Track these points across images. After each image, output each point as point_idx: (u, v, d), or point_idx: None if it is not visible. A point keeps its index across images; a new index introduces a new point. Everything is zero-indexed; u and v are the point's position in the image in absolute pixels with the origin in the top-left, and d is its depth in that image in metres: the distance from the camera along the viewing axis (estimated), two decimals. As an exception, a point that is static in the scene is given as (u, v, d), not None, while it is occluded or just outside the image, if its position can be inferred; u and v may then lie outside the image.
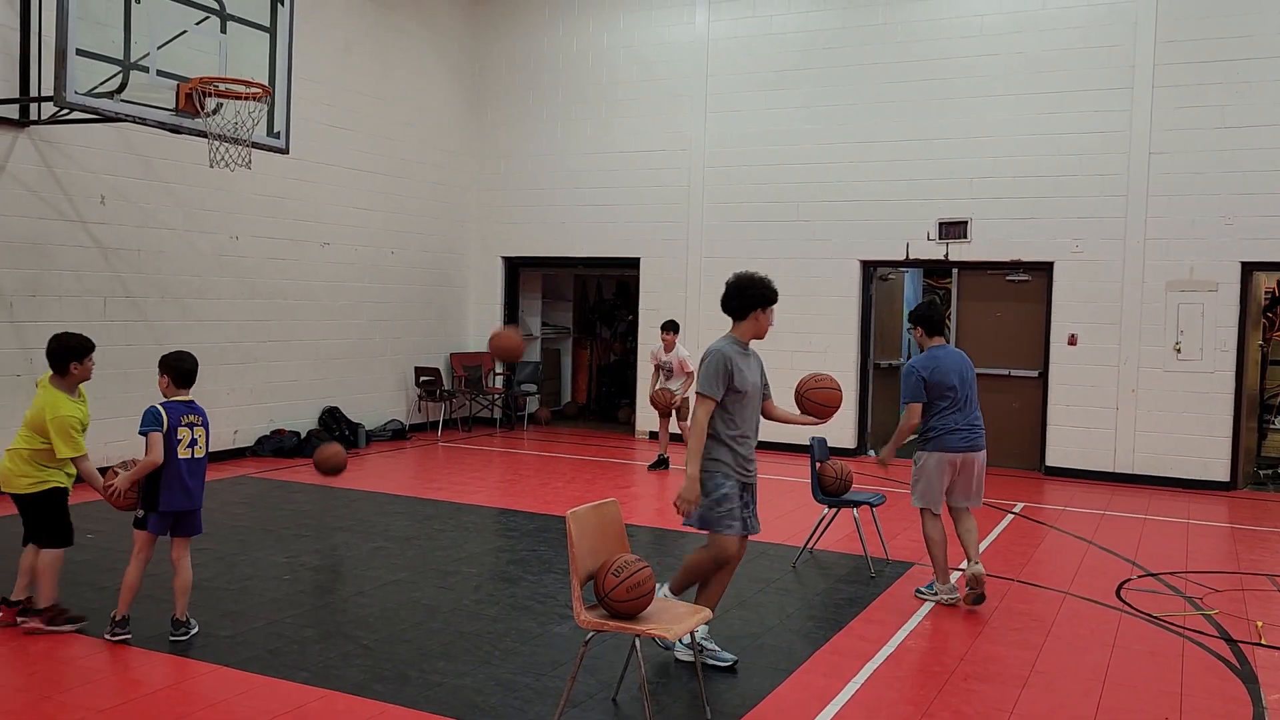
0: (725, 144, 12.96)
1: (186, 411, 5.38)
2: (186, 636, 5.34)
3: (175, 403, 5.39)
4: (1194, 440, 10.79)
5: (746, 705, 4.67)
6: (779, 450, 12.53)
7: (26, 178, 8.87)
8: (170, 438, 5.29)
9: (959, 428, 6.22)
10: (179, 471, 5.30)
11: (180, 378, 5.44)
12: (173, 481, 5.30)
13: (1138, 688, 5.03)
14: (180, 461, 5.31)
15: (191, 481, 5.35)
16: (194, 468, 5.37)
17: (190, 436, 5.35)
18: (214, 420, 7.59)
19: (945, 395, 6.23)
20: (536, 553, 7.38)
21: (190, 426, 5.36)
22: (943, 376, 6.24)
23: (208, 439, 5.48)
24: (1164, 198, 10.84)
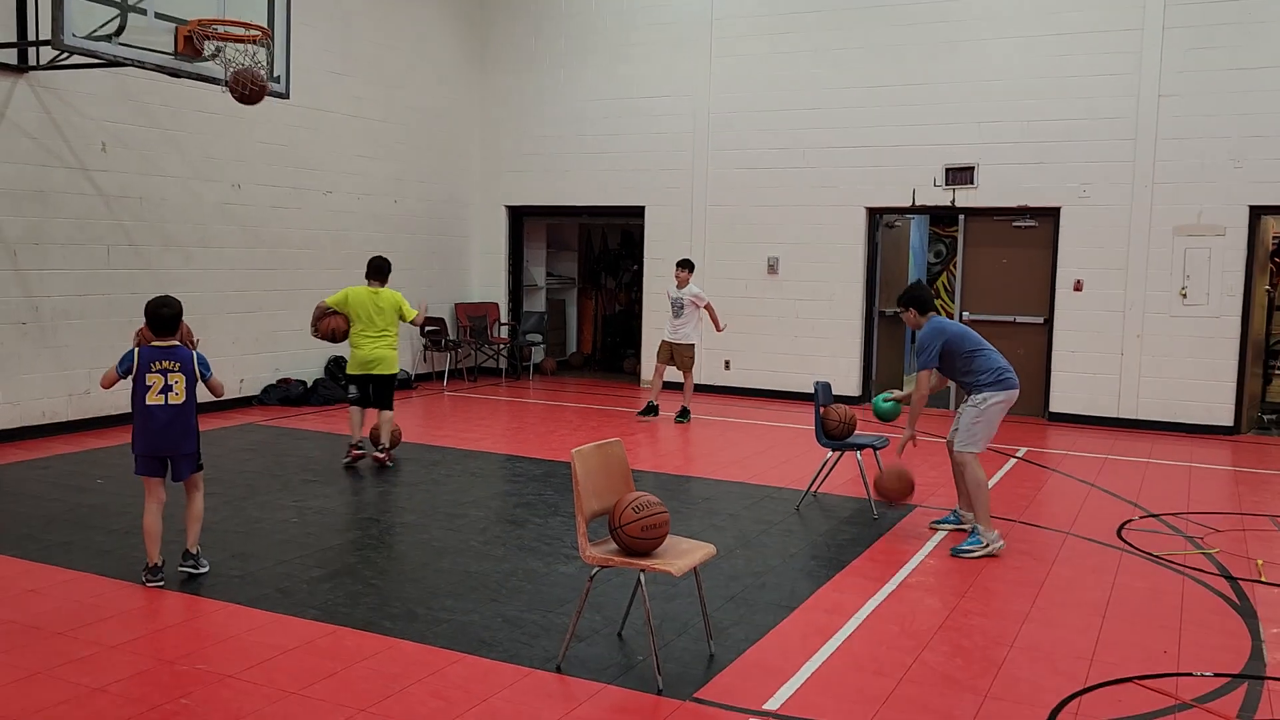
0: (731, 90, 12.83)
1: (160, 356, 5.25)
2: (197, 571, 5.39)
3: (154, 346, 5.28)
4: (1199, 385, 10.79)
5: (750, 640, 4.73)
6: (784, 398, 12.57)
7: (27, 124, 8.82)
8: (138, 382, 5.22)
9: (1009, 367, 6.40)
10: (150, 415, 5.24)
11: (152, 324, 5.27)
12: (141, 424, 5.26)
13: (1137, 623, 5.08)
14: (150, 407, 5.23)
15: (165, 424, 5.23)
16: (168, 411, 5.24)
17: (163, 383, 5.21)
18: (219, 369, 7.61)
19: (974, 343, 6.41)
20: (542, 497, 7.44)
21: (163, 373, 5.22)
22: (959, 333, 6.44)
23: (189, 384, 5.29)
24: (1173, 141, 10.74)
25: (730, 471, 8.50)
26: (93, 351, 9.43)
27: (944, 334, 6.39)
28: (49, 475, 7.72)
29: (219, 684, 4.12)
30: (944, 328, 6.43)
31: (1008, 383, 6.32)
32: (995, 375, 6.31)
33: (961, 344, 6.38)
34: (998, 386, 6.30)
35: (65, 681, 4.11)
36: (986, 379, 6.32)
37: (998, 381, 6.30)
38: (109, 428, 9.47)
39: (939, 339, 6.37)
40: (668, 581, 5.24)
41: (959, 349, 6.37)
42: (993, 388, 6.30)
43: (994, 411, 6.29)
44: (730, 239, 12.90)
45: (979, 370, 6.34)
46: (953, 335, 6.40)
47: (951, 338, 6.38)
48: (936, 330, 6.40)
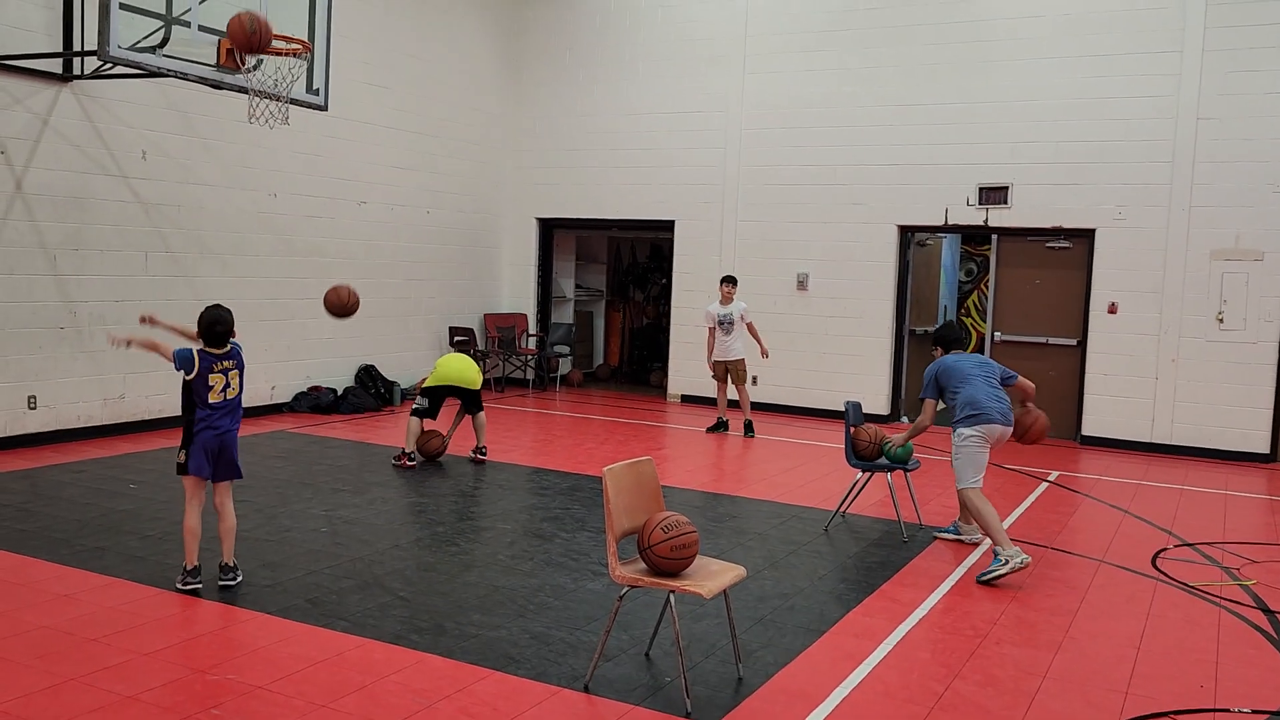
0: (763, 106, 12.83)
1: (220, 359, 5.42)
2: (234, 582, 5.44)
3: (207, 351, 5.43)
4: (1234, 411, 10.65)
5: (779, 663, 4.70)
6: (812, 415, 12.53)
7: (69, 132, 8.96)
8: (200, 385, 5.36)
9: (987, 401, 6.48)
10: (210, 415, 5.38)
11: (208, 339, 5.43)
12: (204, 423, 5.38)
13: (1172, 656, 5.00)
14: (213, 405, 5.39)
15: (227, 420, 5.44)
16: (228, 407, 5.45)
17: (224, 381, 5.42)
18: (251, 376, 7.67)
19: (963, 380, 6.60)
20: (570, 511, 7.44)
21: (224, 372, 5.42)
22: (950, 369, 6.68)
23: (241, 378, 5.52)
24: (1211, 164, 10.63)
25: (758, 490, 8.47)
26: (127, 357, 9.53)
27: (938, 368, 6.76)
28: (83, 479, 7.81)
29: (249, 695, 4.14)
30: (940, 362, 6.78)
31: (977, 418, 6.43)
32: (965, 410, 6.48)
33: (948, 379, 6.66)
34: (968, 422, 6.46)
35: (98, 689, 4.14)
36: (959, 414, 6.53)
37: (967, 418, 6.47)
38: (143, 432, 9.57)
39: (933, 371, 6.75)
40: (696, 602, 5.23)
41: (945, 384, 6.68)
42: (964, 423, 6.48)
43: (970, 446, 6.44)
44: (760, 254, 12.88)
45: (955, 407, 6.58)
46: (944, 370, 6.70)
47: (942, 372, 6.71)
48: (934, 364, 6.80)
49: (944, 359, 6.81)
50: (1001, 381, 6.71)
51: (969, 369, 6.67)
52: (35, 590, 5.29)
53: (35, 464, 8.21)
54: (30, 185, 8.70)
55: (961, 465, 6.47)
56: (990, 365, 6.77)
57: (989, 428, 6.43)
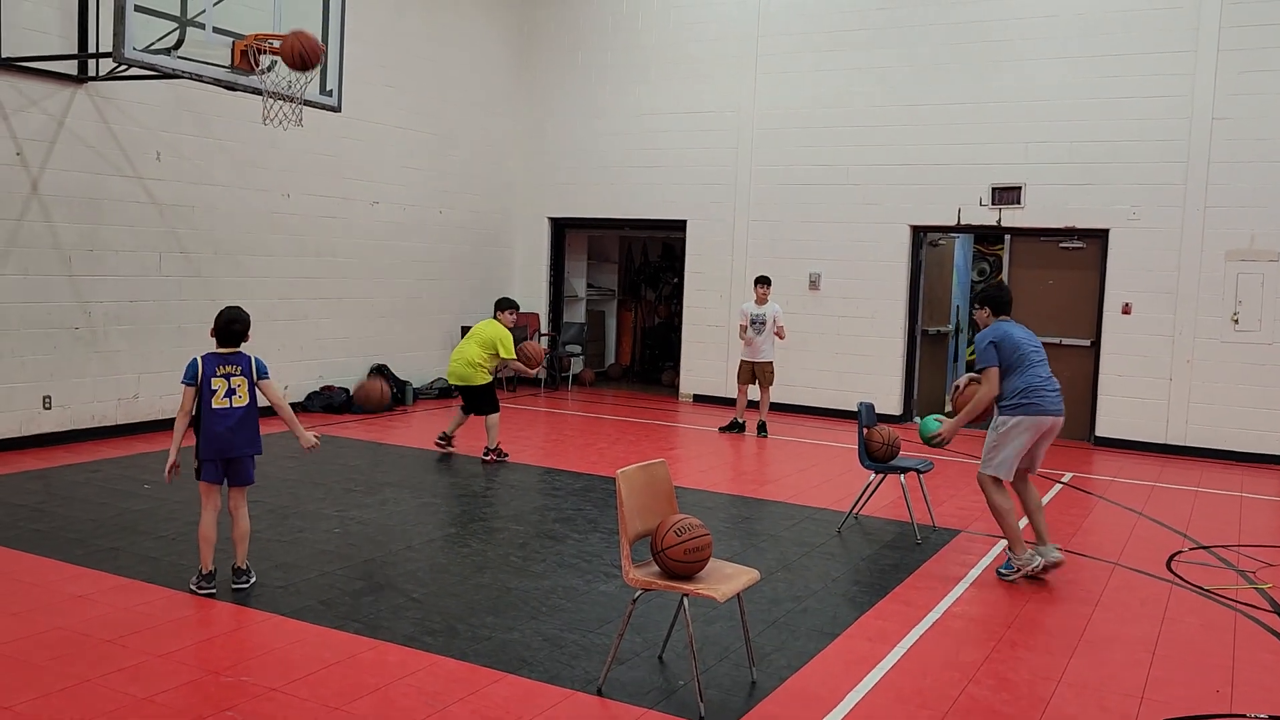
0: (775, 106, 12.81)
1: (223, 362, 5.40)
2: (247, 585, 5.45)
3: (214, 353, 5.43)
4: (1250, 413, 10.58)
5: (792, 667, 4.69)
6: (824, 415, 12.50)
7: (84, 133, 9.00)
8: (204, 388, 5.35)
9: (1044, 389, 6.02)
10: (215, 420, 5.36)
11: (220, 337, 5.45)
12: (209, 429, 5.37)
13: (1188, 660, 4.98)
14: (215, 411, 5.35)
15: (232, 427, 5.36)
16: (233, 415, 5.37)
17: (227, 386, 5.36)
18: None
19: (1022, 357, 6.05)
20: (582, 512, 7.44)
21: (227, 377, 5.37)
22: (1012, 340, 6.06)
23: (250, 388, 5.45)
24: (1226, 164, 10.56)
25: (770, 491, 8.45)
26: (143, 357, 9.58)
27: (1000, 335, 6.05)
28: (98, 479, 7.84)
29: (264, 697, 4.16)
30: (1001, 328, 6.10)
31: (1031, 408, 5.95)
32: (1019, 397, 5.99)
33: (1008, 353, 6.04)
34: (1018, 410, 5.98)
35: (113, 690, 4.16)
36: (1010, 399, 6.03)
37: (1019, 406, 5.98)
38: (157, 432, 9.61)
39: (994, 338, 6.06)
40: (709, 605, 5.22)
41: (1003, 359, 6.05)
42: (1012, 411, 6.00)
43: (1011, 435, 6.00)
44: (772, 254, 12.86)
45: (1007, 391, 6.04)
46: (1007, 341, 6.05)
47: (1005, 342, 6.04)
48: (993, 329, 6.12)
49: (1003, 325, 6.13)
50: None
51: (1029, 348, 6.09)
52: (50, 591, 5.32)
53: (50, 464, 8.25)
54: (46, 187, 8.74)
55: (996, 452, 6.04)
56: (1040, 345, 6.28)
57: (1041, 419, 6.00)
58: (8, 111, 8.43)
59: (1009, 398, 6.01)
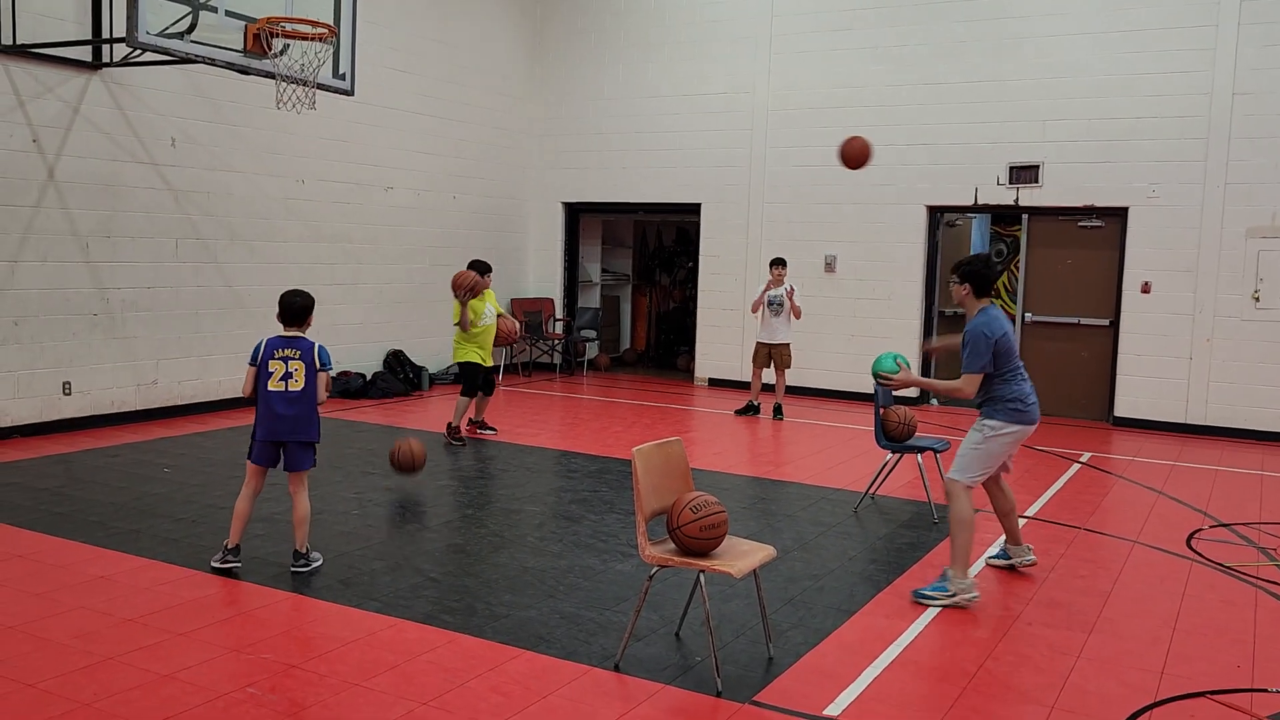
0: (789, 87, 12.73)
1: (284, 345, 5.45)
2: (308, 568, 5.43)
3: (277, 336, 5.50)
4: (1271, 391, 10.50)
5: (809, 643, 4.69)
6: (840, 398, 12.47)
7: (99, 120, 9.03)
8: (262, 369, 5.41)
9: (1032, 396, 5.48)
10: (270, 401, 5.40)
11: (282, 314, 5.53)
12: (263, 411, 5.43)
13: (1208, 636, 4.95)
14: (270, 393, 5.40)
15: (286, 411, 5.38)
16: (288, 398, 5.40)
17: (284, 370, 5.39)
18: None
19: (1014, 360, 5.46)
20: (598, 493, 7.45)
21: (285, 360, 5.41)
22: (1009, 340, 5.41)
23: (309, 373, 5.43)
24: (1247, 140, 10.44)
25: (786, 472, 8.44)
26: (160, 343, 9.64)
27: (994, 331, 5.34)
28: (118, 464, 7.90)
29: (284, 674, 4.18)
30: (997, 322, 5.37)
31: (1027, 415, 5.41)
32: (1010, 405, 5.38)
33: (1005, 358, 5.40)
34: (1017, 419, 5.39)
35: (136, 668, 4.19)
36: (999, 405, 5.39)
37: (1020, 413, 5.39)
38: (176, 418, 9.67)
39: (988, 335, 5.31)
40: (726, 582, 5.22)
41: (999, 361, 5.39)
42: (1007, 417, 5.38)
43: (1000, 445, 5.41)
44: (787, 237, 12.81)
45: (1004, 397, 5.39)
46: (1004, 339, 5.37)
47: (1002, 340, 5.36)
48: (992, 327, 5.33)
49: (996, 317, 5.39)
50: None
51: (1014, 347, 5.50)
52: (72, 572, 5.36)
53: (71, 449, 8.32)
54: (62, 173, 8.78)
55: (978, 459, 5.41)
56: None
57: (1027, 429, 5.47)
58: (24, 98, 8.47)
59: (1003, 402, 5.39)
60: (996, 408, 5.40)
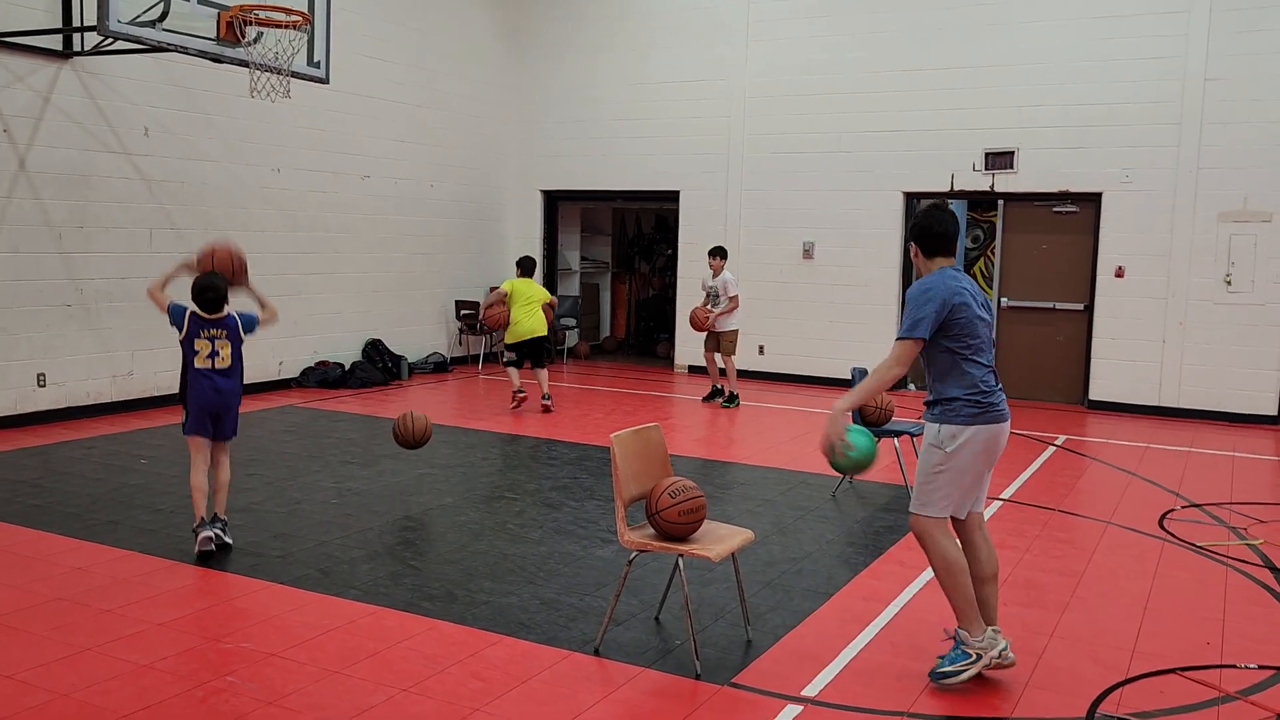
0: (766, 74, 12.75)
1: (208, 325, 5.50)
2: (225, 537, 5.60)
3: (197, 315, 5.54)
4: (1242, 374, 10.63)
5: (787, 626, 4.73)
6: (819, 383, 12.53)
7: (71, 109, 8.94)
8: (187, 347, 5.47)
9: (997, 387, 4.12)
10: (198, 379, 5.48)
11: (199, 305, 5.54)
12: (194, 388, 5.49)
13: (1179, 614, 5.03)
14: (199, 371, 5.48)
15: (221, 385, 5.50)
16: (215, 375, 5.50)
17: (210, 348, 5.48)
18: (258, 351, 7.71)
19: (977, 334, 4.05)
20: (578, 480, 7.47)
21: (212, 340, 5.48)
22: (970, 311, 4.04)
23: (234, 350, 5.56)
24: (1219, 125, 10.55)
25: (765, 457, 8.49)
26: (135, 334, 9.57)
27: (943, 290, 4.00)
28: (94, 455, 7.86)
29: (263, 662, 4.19)
30: (946, 282, 4.03)
31: (991, 410, 4.03)
32: (974, 396, 4.01)
33: (956, 321, 3.99)
34: (968, 417, 4.00)
35: (114, 658, 4.19)
36: (955, 400, 4.03)
37: (979, 406, 4.01)
38: (152, 409, 9.62)
39: (932, 295, 4.00)
40: (705, 566, 5.26)
41: (958, 332, 4.01)
42: (958, 417, 4.01)
43: (966, 459, 4.03)
44: (765, 224, 12.84)
45: (962, 384, 4.03)
46: (956, 303, 3.99)
47: (953, 305, 3.99)
48: (937, 287, 4.02)
49: (952, 280, 4.05)
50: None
51: (980, 315, 4.07)
52: (50, 563, 5.34)
53: (46, 441, 8.26)
54: (34, 163, 8.69)
55: (943, 483, 4.05)
56: (988, 307, 4.21)
57: (994, 431, 4.06)
58: (-7, 88, 8.38)
59: (955, 394, 4.04)
60: (949, 406, 4.04)
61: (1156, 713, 3.95)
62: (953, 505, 4.11)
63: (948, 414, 4.05)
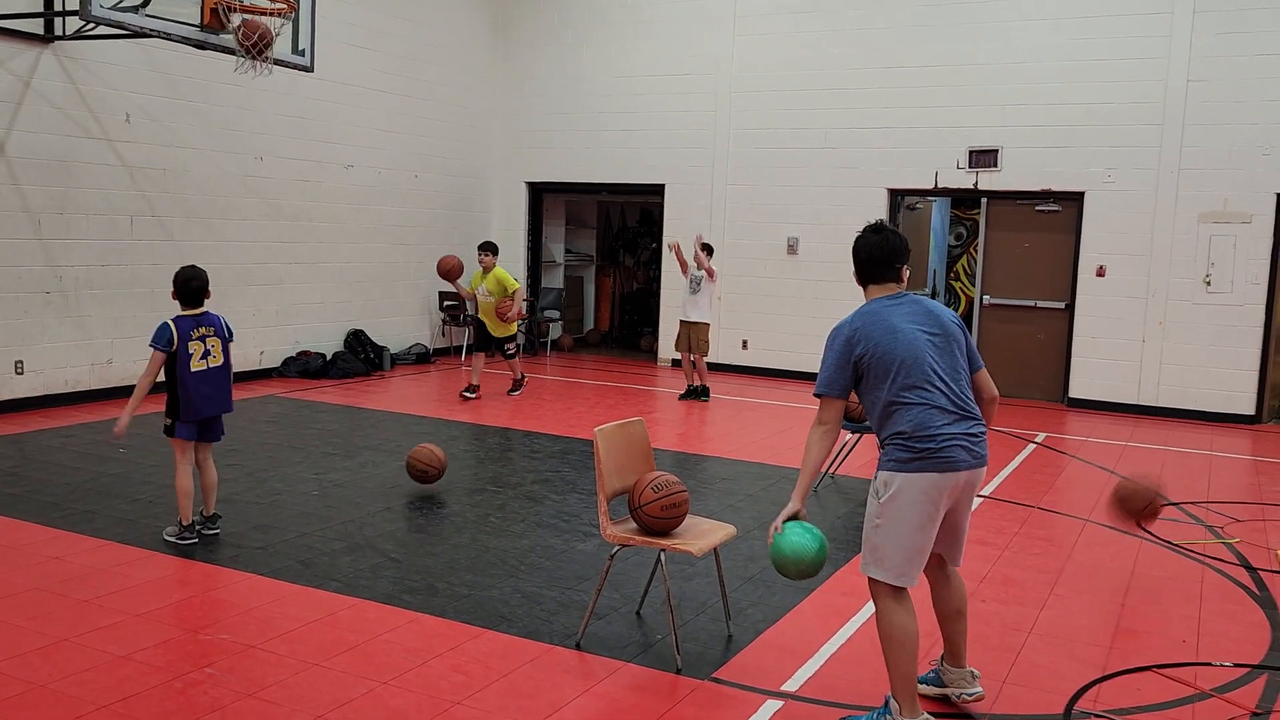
0: (753, 69, 12.75)
1: (197, 324, 5.48)
2: (217, 531, 5.67)
3: (186, 316, 5.50)
4: (1220, 373, 10.72)
5: (768, 620, 4.75)
6: (802, 379, 12.57)
7: (52, 94, 8.85)
8: (182, 352, 5.42)
9: (946, 429, 3.56)
10: (195, 382, 5.45)
11: (183, 296, 5.53)
12: (190, 392, 5.45)
13: (1156, 611, 5.07)
14: (194, 374, 5.44)
15: (210, 389, 5.50)
16: (210, 376, 5.50)
17: (203, 349, 5.46)
18: (240, 341, 7.68)
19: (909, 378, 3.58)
20: (560, 474, 7.47)
21: (202, 339, 5.47)
22: (885, 349, 3.60)
23: (225, 347, 5.57)
24: (1200, 126, 10.62)
25: (748, 452, 8.51)
26: (115, 322, 9.50)
27: (857, 335, 3.64)
28: (72, 444, 7.79)
29: (242, 654, 4.17)
30: (868, 327, 3.64)
31: (934, 457, 3.51)
32: (913, 444, 3.53)
33: (880, 372, 3.59)
34: (912, 465, 3.53)
35: (92, 649, 4.16)
36: (892, 443, 3.59)
37: (917, 456, 3.52)
38: (129, 398, 9.53)
39: (835, 349, 3.70)
40: (686, 561, 5.27)
41: (879, 372, 3.59)
42: (900, 467, 3.56)
43: (910, 508, 3.55)
44: (750, 218, 12.85)
45: (894, 426, 3.59)
46: (864, 338, 3.62)
47: (862, 340, 3.62)
48: (853, 326, 3.68)
49: (872, 315, 3.67)
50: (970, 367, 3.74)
51: (912, 337, 3.60)
52: (26, 553, 5.30)
53: (23, 429, 8.19)
54: (13, 148, 8.60)
55: (886, 539, 3.59)
56: (951, 332, 3.72)
57: (945, 478, 3.55)
58: (-28, 71, 8.28)
59: (890, 438, 3.62)
60: (884, 450, 3.65)
61: (1133, 710, 3.98)
62: (902, 567, 3.58)
63: (883, 459, 3.65)
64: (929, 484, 3.55)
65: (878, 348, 3.61)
